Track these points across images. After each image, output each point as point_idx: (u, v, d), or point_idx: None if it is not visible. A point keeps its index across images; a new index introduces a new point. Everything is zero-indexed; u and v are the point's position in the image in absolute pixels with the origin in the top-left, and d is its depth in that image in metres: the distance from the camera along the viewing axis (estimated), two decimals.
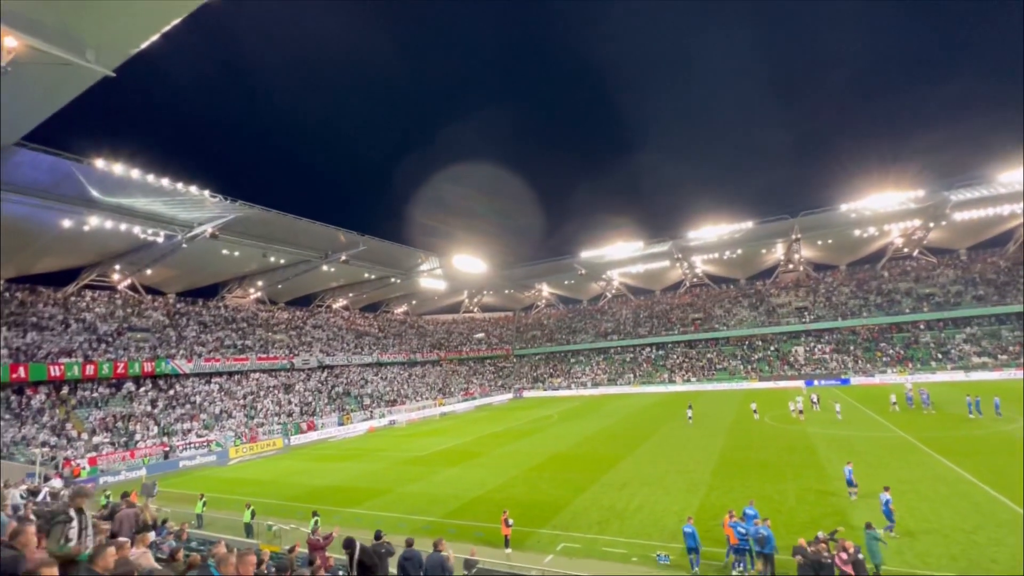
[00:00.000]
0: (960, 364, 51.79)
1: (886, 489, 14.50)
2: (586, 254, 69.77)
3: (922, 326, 59.41)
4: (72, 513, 5.54)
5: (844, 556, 9.16)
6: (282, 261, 50.79)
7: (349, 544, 8.44)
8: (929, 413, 32.12)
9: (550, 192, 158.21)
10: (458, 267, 67.18)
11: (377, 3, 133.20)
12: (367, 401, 53.67)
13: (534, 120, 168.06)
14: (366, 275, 62.58)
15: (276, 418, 43.65)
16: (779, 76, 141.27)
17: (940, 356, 54.06)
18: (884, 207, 53.95)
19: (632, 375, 69.48)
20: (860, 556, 9.63)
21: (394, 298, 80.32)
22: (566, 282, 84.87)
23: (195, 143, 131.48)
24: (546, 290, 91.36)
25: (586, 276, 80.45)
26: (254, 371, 48.36)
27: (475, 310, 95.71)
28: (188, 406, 39.93)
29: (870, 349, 58.88)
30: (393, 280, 66.15)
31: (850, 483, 17.36)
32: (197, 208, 37.03)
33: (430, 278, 69.94)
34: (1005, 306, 54.26)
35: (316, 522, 14.91)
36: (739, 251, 67.36)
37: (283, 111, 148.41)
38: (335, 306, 71.38)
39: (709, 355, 68.01)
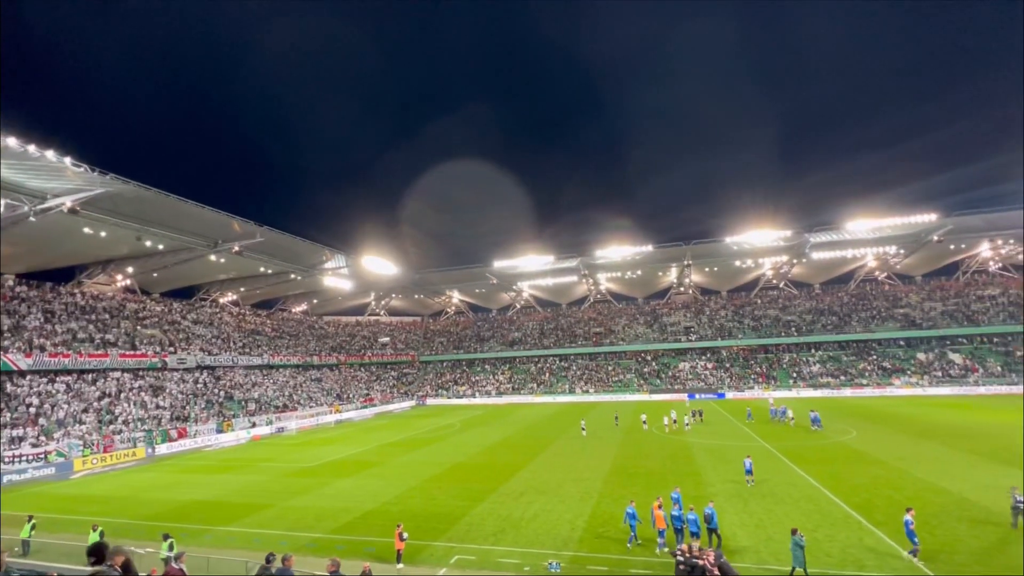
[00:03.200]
0: (811, 383, 60.17)
1: (908, 511, 13.53)
2: (499, 264, 70.64)
3: (783, 348, 68.31)
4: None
5: (711, 560, 10.15)
6: (160, 247, 45.02)
7: (95, 551, 6.17)
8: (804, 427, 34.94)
9: (467, 199, 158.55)
10: (367, 267, 64.44)
11: None
12: (252, 406, 49.12)
13: (454, 128, 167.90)
14: (262, 269, 57.59)
15: (139, 424, 38.31)
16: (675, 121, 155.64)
17: (795, 375, 62.38)
18: (760, 242, 61.57)
19: (535, 385, 71.31)
20: (724, 560, 10.67)
21: (293, 296, 74.88)
22: (477, 290, 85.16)
23: (61, 102, 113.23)
24: (456, 297, 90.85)
25: (497, 286, 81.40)
26: (115, 369, 42.11)
27: (382, 313, 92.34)
28: (22, 409, 33.63)
29: (744, 367, 66.27)
30: (293, 277, 61.68)
31: (749, 472, 20.89)
32: (54, 177, 31.66)
33: (335, 277, 66.23)
34: (845, 334, 64.91)
35: (172, 545, 13.24)
36: (639, 272, 73.01)
37: (178, 76, 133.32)
38: (222, 300, 64.74)
39: (608, 367, 72.01)
